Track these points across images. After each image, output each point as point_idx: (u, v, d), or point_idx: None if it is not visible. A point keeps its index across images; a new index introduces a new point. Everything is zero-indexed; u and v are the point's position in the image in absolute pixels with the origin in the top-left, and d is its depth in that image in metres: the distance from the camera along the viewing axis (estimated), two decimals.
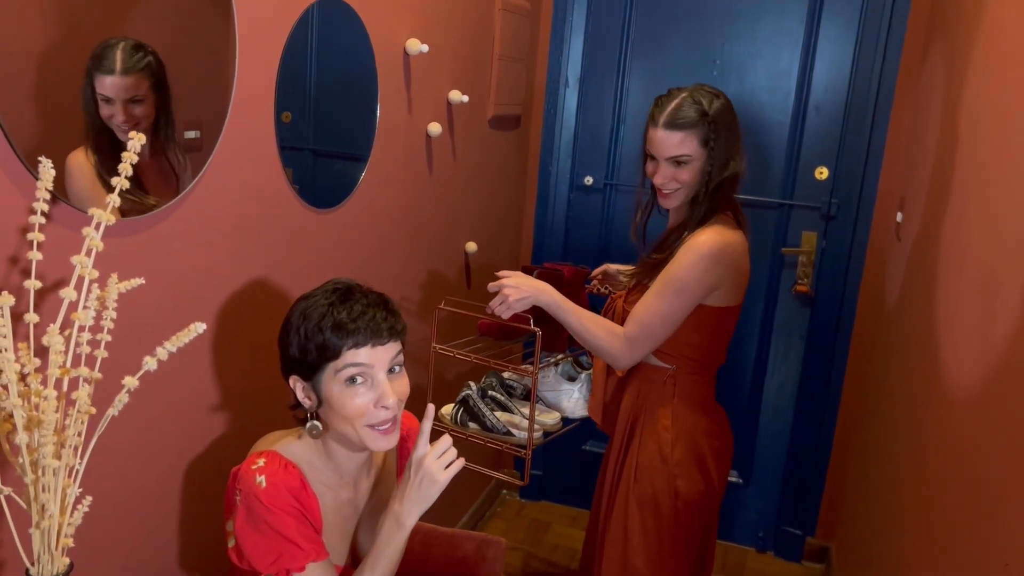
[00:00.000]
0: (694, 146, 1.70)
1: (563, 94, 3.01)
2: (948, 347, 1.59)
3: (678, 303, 1.72)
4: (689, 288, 1.71)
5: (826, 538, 2.96)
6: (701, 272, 1.70)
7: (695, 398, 1.85)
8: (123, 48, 1.22)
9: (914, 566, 1.60)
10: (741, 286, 1.80)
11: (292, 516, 1.21)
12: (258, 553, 1.21)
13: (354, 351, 1.20)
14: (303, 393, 1.26)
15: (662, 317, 1.73)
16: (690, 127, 1.69)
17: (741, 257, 1.76)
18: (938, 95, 2.14)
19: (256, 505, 1.20)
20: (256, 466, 1.22)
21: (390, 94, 1.96)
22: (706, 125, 1.69)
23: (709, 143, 1.69)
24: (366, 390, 1.22)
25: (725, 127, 1.71)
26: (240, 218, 1.49)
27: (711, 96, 1.72)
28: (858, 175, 2.70)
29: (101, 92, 1.19)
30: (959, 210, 1.68)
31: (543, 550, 2.96)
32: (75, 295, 0.96)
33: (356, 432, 1.23)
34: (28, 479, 0.94)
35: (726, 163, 1.72)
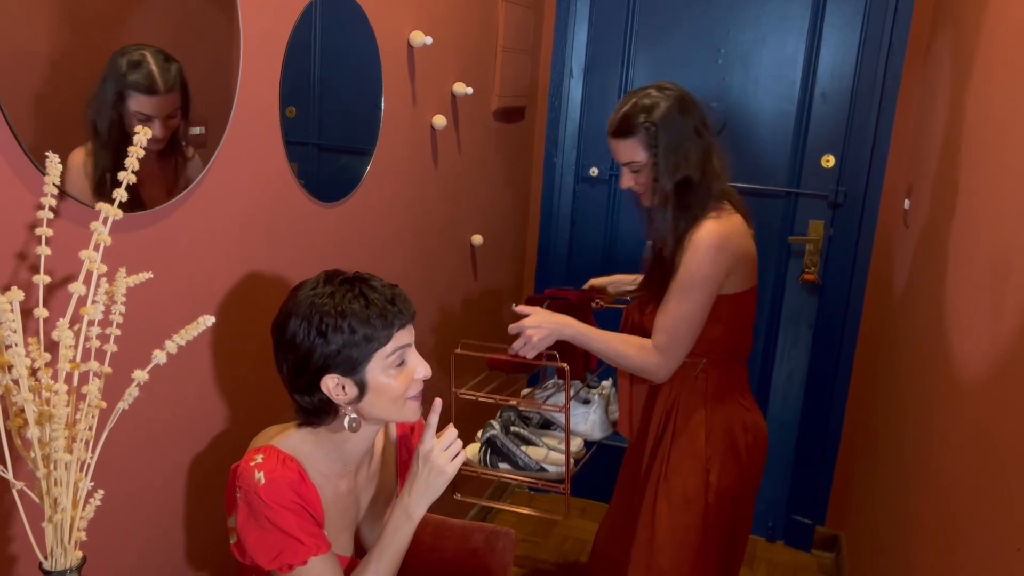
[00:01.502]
0: (641, 152, 1.69)
1: (567, 85, 3.00)
2: (957, 334, 1.58)
3: (698, 301, 1.72)
4: (704, 283, 1.71)
5: (836, 527, 2.96)
6: (710, 264, 1.69)
7: (728, 389, 1.86)
8: (157, 63, 1.23)
9: (924, 552, 1.60)
10: (751, 268, 1.79)
11: (292, 511, 1.22)
12: (260, 549, 1.22)
13: (399, 333, 1.23)
14: (338, 391, 1.23)
15: (686, 319, 1.73)
16: (633, 134, 1.68)
17: (745, 240, 1.76)
18: (945, 81, 2.13)
19: (256, 501, 1.20)
20: (254, 462, 1.22)
21: (394, 87, 1.96)
22: (647, 130, 1.67)
23: (651, 147, 1.68)
24: (409, 366, 1.26)
25: (672, 129, 1.68)
26: (246, 213, 1.50)
27: (657, 99, 1.69)
28: (865, 162, 2.69)
29: (140, 111, 1.20)
30: (967, 196, 1.67)
31: (553, 542, 2.96)
32: (84, 290, 0.96)
33: (400, 409, 1.27)
34: (40, 473, 0.94)
35: (676, 166, 1.69)
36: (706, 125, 1.73)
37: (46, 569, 0.98)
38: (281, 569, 1.23)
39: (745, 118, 2.81)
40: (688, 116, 1.70)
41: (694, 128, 1.70)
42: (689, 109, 1.70)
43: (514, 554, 1.72)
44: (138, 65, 1.21)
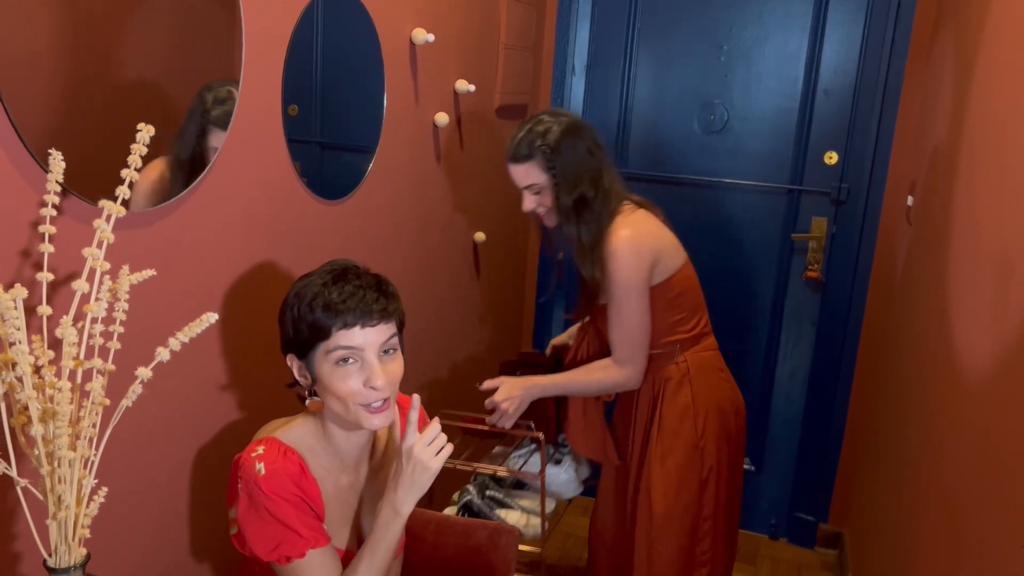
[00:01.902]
0: (539, 174, 1.77)
1: (570, 82, 2.99)
2: (960, 331, 1.58)
3: (635, 304, 1.81)
4: (633, 287, 1.80)
5: (839, 524, 2.96)
6: (632, 268, 1.78)
7: (707, 368, 1.94)
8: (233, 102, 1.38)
9: (927, 549, 1.60)
10: (674, 248, 1.89)
11: (291, 503, 1.22)
12: (259, 540, 1.22)
13: (344, 332, 1.20)
14: (299, 372, 1.27)
15: (632, 325, 1.82)
16: (529, 158, 1.76)
17: (654, 228, 1.85)
18: (949, 77, 2.12)
19: (256, 492, 1.21)
20: (256, 453, 1.23)
21: (397, 84, 1.96)
22: (543, 153, 1.75)
23: (550, 168, 1.76)
24: (357, 371, 1.22)
25: (567, 151, 1.76)
26: (249, 210, 1.50)
27: (550, 123, 1.77)
28: (868, 159, 2.68)
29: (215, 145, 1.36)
30: (970, 193, 1.67)
31: (556, 539, 2.96)
32: (87, 287, 0.96)
33: (349, 411, 1.24)
34: (44, 470, 0.95)
35: (573, 184, 1.77)
36: (598, 145, 1.82)
37: (50, 566, 0.98)
38: (279, 561, 1.23)
39: (747, 115, 2.80)
40: (579, 138, 1.78)
41: (586, 148, 1.79)
42: (580, 131, 1.79)
43: (517, 550, 1.72)
44: (223, 102, 1.34)
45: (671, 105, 2.90)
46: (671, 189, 2.94)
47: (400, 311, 1.29)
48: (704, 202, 2.91)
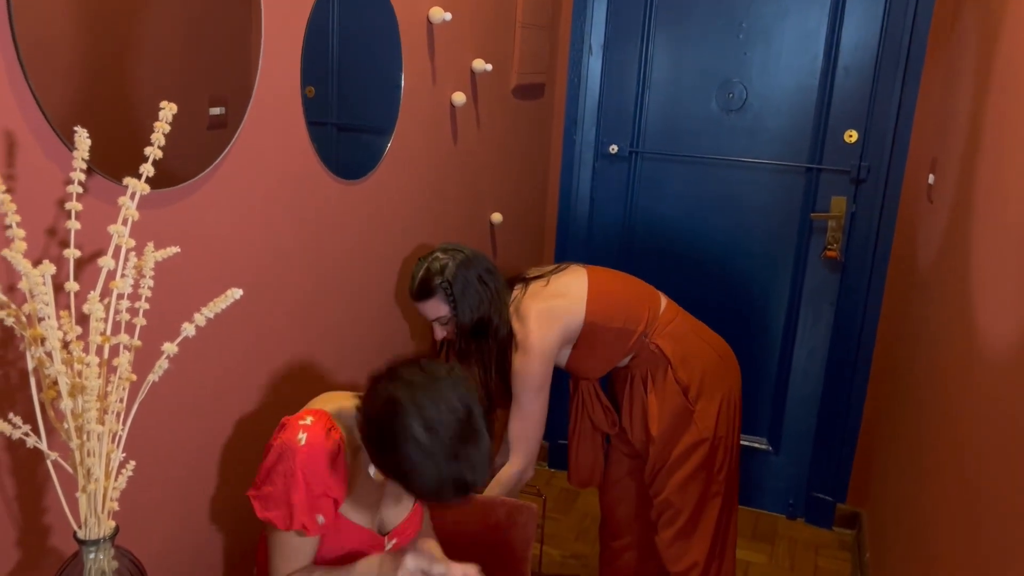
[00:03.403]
0: (443, 308, 1.88)
1: (587, 62, 2.98)
2: (983, 309, 1.57)
3: (536, 400, 1.94)
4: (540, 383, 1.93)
5: (857, 504, 2.95)
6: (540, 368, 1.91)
7: (679, 338, 2.02)
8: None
9: (947, 529, 1.60)
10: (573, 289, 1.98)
11: (310, 484, 1.24)
12: (265, 497, 1.26)
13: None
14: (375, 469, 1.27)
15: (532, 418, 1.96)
16: (431, 295, 1.86)
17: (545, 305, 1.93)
18: (971, 53, 2.09)
19: (286, 458, 1.24)
20: (303, 422, 1.26)
21: (414, 64, 1.95)
22: (442, 289, 1.85)
23: (450, 300, 1.86)
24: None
25: (462, 282, 1.87)
26: (270, 189, 1.50)
27: (445, 260, 1.87)
28: (889, 137, 2.65)
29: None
30: (995, 169, 1.65)
31: (573, 518, 2.98)
32: (113, 264, 0.97)
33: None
34: (74, 444, 0.96)
35: (472, 309, 1.88)
36: (489, 271, 1.93)
37: (80, 538, 1.00)
38: (266, 520, 1.27)
39: (766, 94, 2.78)
40: (471, 268, 1.89)
41: (477, 276, 1.90)
42: (472, 263, 1.90)
43: (536, 528, 1.74)
44: None
45: (689, 84, 2.88)
46: (689, 169, 2.92)
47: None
48: (722, 182, 2.89)
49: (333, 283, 1.76)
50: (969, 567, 1.39)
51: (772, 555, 2.83)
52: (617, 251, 3.09)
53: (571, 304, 1.96)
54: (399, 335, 2.11)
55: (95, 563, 1.01)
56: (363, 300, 1.90)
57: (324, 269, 1.72)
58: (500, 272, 1.97)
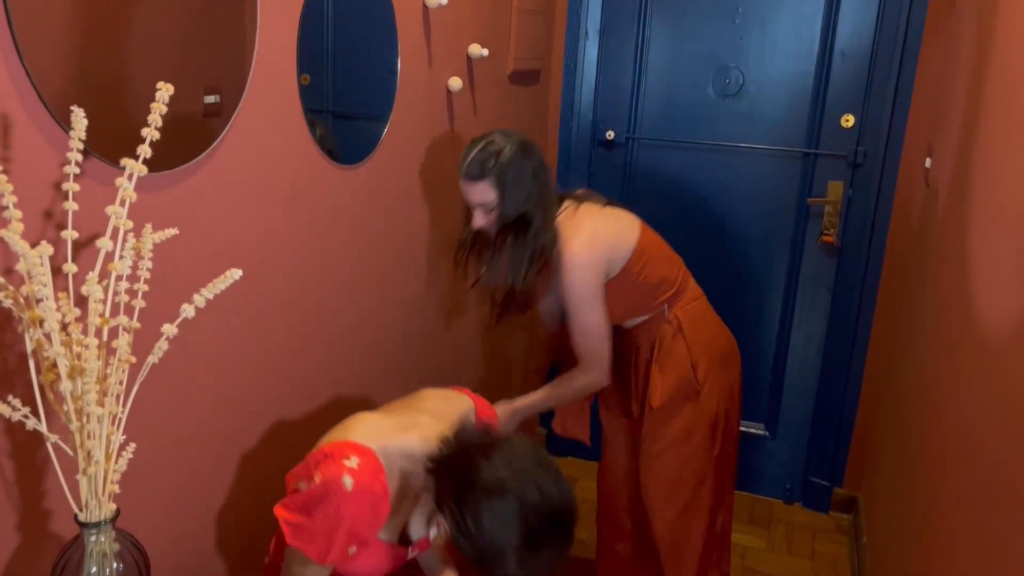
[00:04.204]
0: (491, 194, 1.79)
1: (583, 47, 2.97)
2: (982, 291, 1.57)
3: (593, 311, 1.87)
4: (589, 295, 1.85)
5: (854, 488, 2.97)
6: (586, 278, 1.84)
7: (699, 320, 2.01)
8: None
9: (945, 511, 1.60)
10: (625, 230, 1.93)
11: (350, 526, 1.22)
12: (297, 527, 1.23)
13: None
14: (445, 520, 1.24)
15: (592, 331, 1.88)
16: (482, 177, 1.78)
17: (600, 224, 1.89)
18: (969, 37, 2.09)
19: (331, 500, 1.20)
20: (348, 463, 1.21)
21: (410, 49, 1.95)
22: (495, 173, 1.77)
23: (500, 188, 1.79)
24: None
25: (516, 171, 1.79)
26: (266, 174, 1.50)
27: (502, 144, 1.79)
28: (885, 122, 2.65)
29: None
30: (993, 151, 1.65)
31: None
32: (111, 245, 0.97)
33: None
34: (73, 426, 0.96)
35: (521, 203, 1.81)
36: (543, 166, 1.86)
37: (81, 521, 1.00)
38: (294, 547, 1.25)
39: (763, 79, 2.77)
40: (528, 158, 1.82)
41: (532, 169, 1.82)
42: (529, 152, 1.83)
43: None
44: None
45: (685, 69, 2.87)
46: (685, 154, 2.92)
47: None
48: (719, 167, 2.89)
49: (330, 266, 1.76)
50: (969, 548, 1.39)
51: (769, 540, 2.84)
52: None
53: (624, 231, 1.92)
54: (396, 318, 2.11)
55: (96, 546, 1.02)
56: (360, 283, 1.90)
57: (321, 253, 1.71)
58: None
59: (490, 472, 1.18)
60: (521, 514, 1.16)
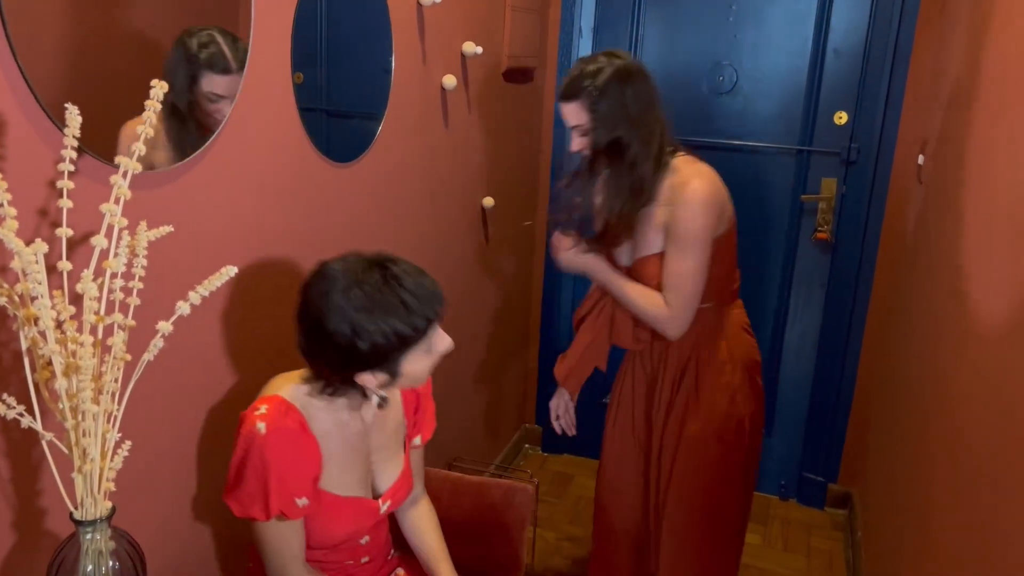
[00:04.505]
0: (583, 116, 1.73)
1: (577, 44, 2.97)
2: (976, 286, 1.58)
3: (699, 256, 1.76)
4: (702, 239, 1.76)
5: (849, 484, 2.98)
6: (703, 219, 1.75)
7: (738, 325, 1.95)
8: (230, 46, 1.34)
9: (941, 505, 1.61)
10: (731, 208, 1.86)
11: (279, 467, 1.23)
12: (239, 496, 1.26)
13: (431, 328, 1.24)
14: (371, 380, 1.25)
15: (691, 276, 1.77)
16: (576, 97, 1.72)
17: (721, 185, 1.82)
18: (961, 33, 2.10)
19: (252, 450, 1.23)
20: (258, 412, 1.24)
21: (404, 46, 1.95)
22: (589, 94, 1.71)
23: (593, 110, 1.72)
24: (437, 347, 1.29)
25: (612, 94, 1.71)
26: (261, 171, 1.50)
27: (602, 64, 1.72)
28: (878, 119, 2.66)
29: (213, 91, 1.30)
30: (986, 146, 1.66)
31: (567, 501, 2.99)
32: (106, 243, 0.97)
33: (422, 380, 1.32)
34: (69, 424, 0.96)
35: (612, 127, 1.72)
36: (649, 92, 1.76)
37: (77, 519, 1.00)
38: (247, 518, 1.27)
39: (757, 76, 2.78)
40: (628, 83, 1.73)
41: (634, 93, 1.73)
42: (631, 76, 1.73)
43: (531, 508, 1.74)
44: (211, 47, 1.29)
45: (679, 66, 2.87)
46: None
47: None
48: (713, 164, 2.85)
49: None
50: (965, 542, 1.40)
51: (765, 536, 2.85)
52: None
53: (730, 208, 1.83)
54: None
55: (92, 544, 1.01)
56: None
57: (316, 250, 1.71)
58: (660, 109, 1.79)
59: (313, 294, 1.20)
60: (347, 288, 1.18)
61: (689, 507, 1.95)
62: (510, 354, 3.12)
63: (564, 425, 2.12)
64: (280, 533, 1.29)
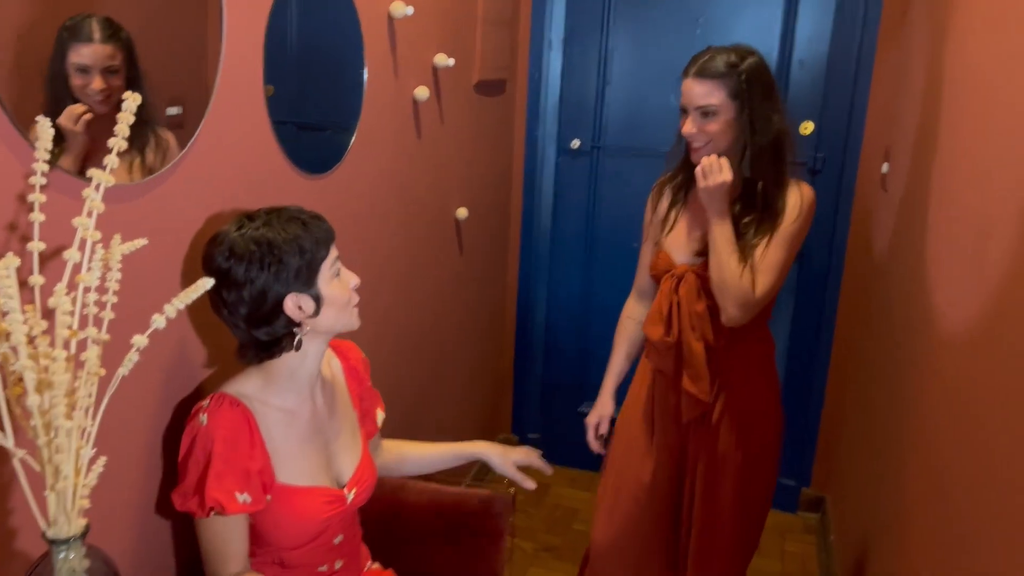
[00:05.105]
0: (722, 97, 1.68)
1: (547, 57, 2.99)
2: (941, 291, 1.61)
3: (793, 254, 1.75)
4: (802, 238, 1.75)
5: (821, 488, 3.01)
6: (808, 220, 1.75)
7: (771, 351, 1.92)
8: (98, 19, 1.21)
9: (912, 507, 1.64)
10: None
11: (218, 458, 1.24)
12: (179, 489, 1.27)
13: (331, 247, 1.31)
14: (296, 310, 1.27)
15: (784, 269, 1.73)
16: (718, 77, 1.67)
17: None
18: (922, 44, 2.15)
19: (196, 441, 1.25)
20: (202, 406, 1.28)
21: (377, 58, 1.95)
22: (736, 78, 1.67)
23: (740, 96, 1.67)
24: (344, 276, 1.35)
25: (759, 83, 1.69)
26: (234, 184, 1.49)
27: (745, 52, 1.71)
28: (843, 128, 2.71)
29: (78, 61, 1.17)
30: (949, 154, 1.69)
31: (544, 511, 2.99)
32: (79, 256, 0.96)
33: (348, 316, 1.35)
34: (41, 441, 0.94)
35: (768, 118, 1.69)
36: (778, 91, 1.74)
37: (50, 538, 0.98)
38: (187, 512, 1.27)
39: None
40: (771, 76, 1.72)
41: (774, 88, 1.72)
42: (770, 72, 1.73)
43: (511, 517, 1.74)
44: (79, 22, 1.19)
45: (649, 78, 2.91)
46: (649, 162, 2.95)
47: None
48: None
49: None
50: (936, 544, 1.42)
51: None
52: (582, 245, 3.12)
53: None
54: (364, 328, 2.10)
55: (66, 563, 1.00)
56: None
57: None
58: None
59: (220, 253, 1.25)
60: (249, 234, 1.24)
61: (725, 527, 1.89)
62: (485, 365, 3.12)
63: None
64: (216, 532, 1.28)
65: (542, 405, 3.33)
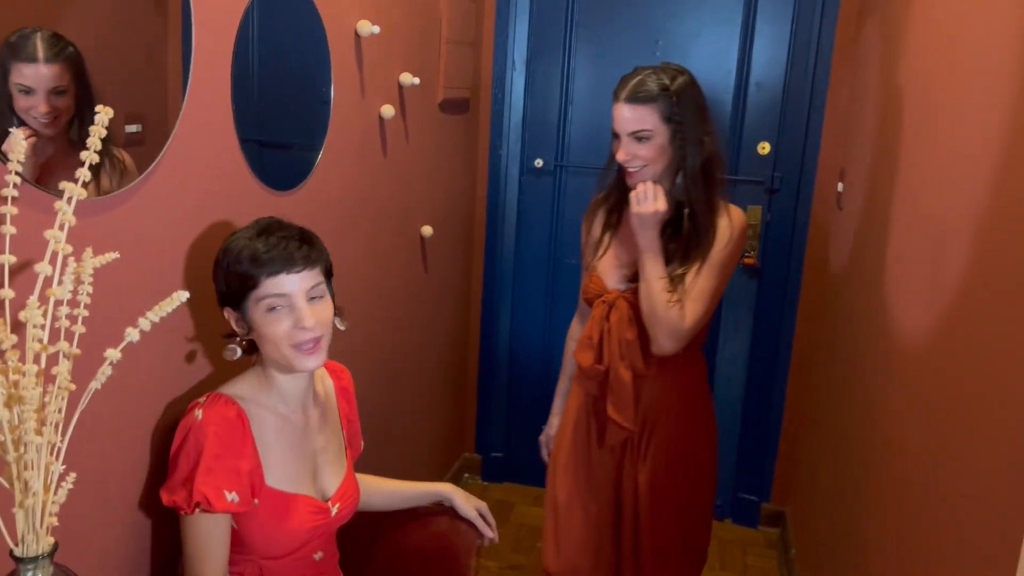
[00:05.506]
0: (655, 121, 1.66)
1: (510, 77, 3.03)
2: (897, 305, 1.66)
3: (725, 281, 1.75)
4: (733, 265, 1.76)
5: (781, 503, 3.06)
6: (739, 245, 1.76)
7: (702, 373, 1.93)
8: (43, 37, 1.16)
9: (869, 517, 1.67)
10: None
11: (210, 452, 1.25)
12: (167, 484, 1.28)
13: (271, 280, 1.27)
14: (236, 323, 1.32)
15: (714, 296, 1.73)
16: (650, 101, 1.66)
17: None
18: (875, 67, 2.22)
19: (189, 437, 1.26)
20: (199, 403, 1.31)
21: (344, 76, 1.96)
22: (668, 100, 1.65)
23: (672, 119, 1.66)
24: (287, 315, 1.28)
25: (691, 103, 1.68)
26: (202, 200, 1.48)
27: (674, 72, 1.69)
28: (799, 149, 2.79)
29: (20, 82, 1.12)
30: (905, 170, 1.75)
31: (509, 530, 2.99)
32: (50, 270, 0.95)
33: (283, 354, 1.30)
34: (10, 457, 0.92)
35: (700, 140, 1.69)
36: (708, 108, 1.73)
37: (17, 556, 0.96)
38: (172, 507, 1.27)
39: None
40: (699, 93, 1.71)
41: (704, 106, 1.71)
42: (699, 88, 1.71)
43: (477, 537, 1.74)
44: (22, 38, 1.13)
45: (610, 97, 2.94)
46: None
47: (325, 259, 1.35)
48: None
49: None
50: (898, 554, 1.45)
51: None
52: (545, 264, 3.14)
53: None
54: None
55: None
56: None
57: None
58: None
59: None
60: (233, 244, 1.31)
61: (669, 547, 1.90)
62: (449, 383, 3.12)
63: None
64: (200, 531, 1.27)
65: (506, 423, 3.33)
